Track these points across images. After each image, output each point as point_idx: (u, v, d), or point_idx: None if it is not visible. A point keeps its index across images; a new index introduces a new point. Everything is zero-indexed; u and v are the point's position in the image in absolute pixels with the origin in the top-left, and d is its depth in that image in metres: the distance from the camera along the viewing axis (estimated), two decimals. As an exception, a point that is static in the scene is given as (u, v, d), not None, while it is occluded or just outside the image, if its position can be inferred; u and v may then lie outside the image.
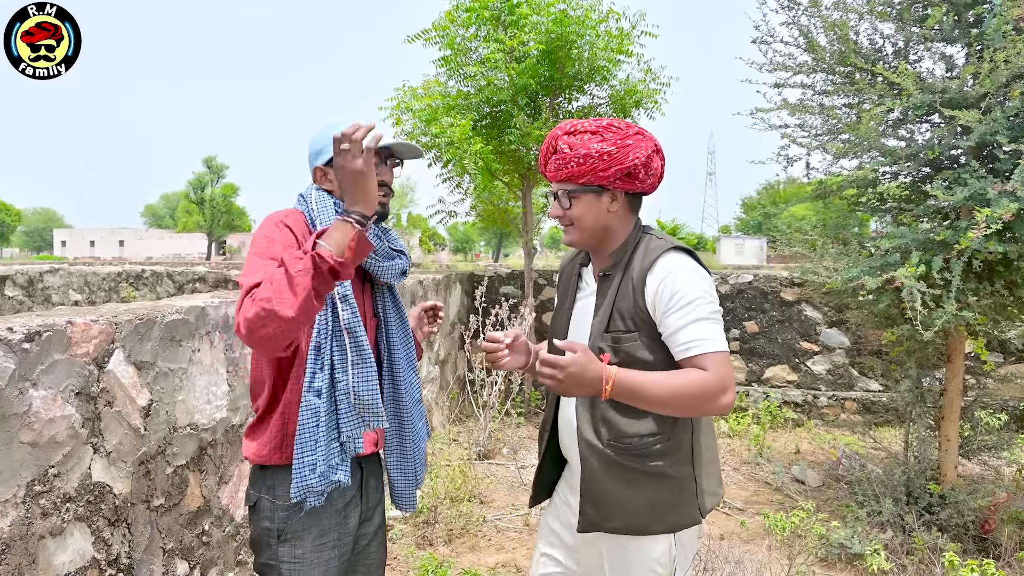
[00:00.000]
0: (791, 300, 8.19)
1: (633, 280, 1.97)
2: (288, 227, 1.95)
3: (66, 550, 2.29)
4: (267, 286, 1.65)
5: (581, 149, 1.96)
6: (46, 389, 2.21)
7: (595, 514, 1.99)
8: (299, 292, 1.62)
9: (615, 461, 1.96)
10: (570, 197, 2.02)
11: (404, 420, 2.19)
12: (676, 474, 1.98)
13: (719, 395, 1.83)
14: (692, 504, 2.00)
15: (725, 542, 4.03)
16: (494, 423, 6.89)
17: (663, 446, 1.96)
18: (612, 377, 1.81)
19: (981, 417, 5.27)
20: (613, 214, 2.04)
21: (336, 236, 1.69)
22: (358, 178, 1.70)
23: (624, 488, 1.96)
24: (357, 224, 1.70)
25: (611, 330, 1.98)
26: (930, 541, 4.39)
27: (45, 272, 8.50)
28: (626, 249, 2.04)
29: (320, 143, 2.10)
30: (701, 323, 1.88)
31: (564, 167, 1.99)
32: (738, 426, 7.50)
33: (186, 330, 2.96)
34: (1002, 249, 4.08)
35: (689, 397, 1.83)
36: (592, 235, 2.06)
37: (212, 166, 65.97)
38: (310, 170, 2.15)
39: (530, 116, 7.46)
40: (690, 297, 1.89)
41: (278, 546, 1.98)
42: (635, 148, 1.97)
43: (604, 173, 1.97)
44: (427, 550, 4.43)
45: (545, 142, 2.07)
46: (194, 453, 3.01)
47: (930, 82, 4.50)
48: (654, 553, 1.99)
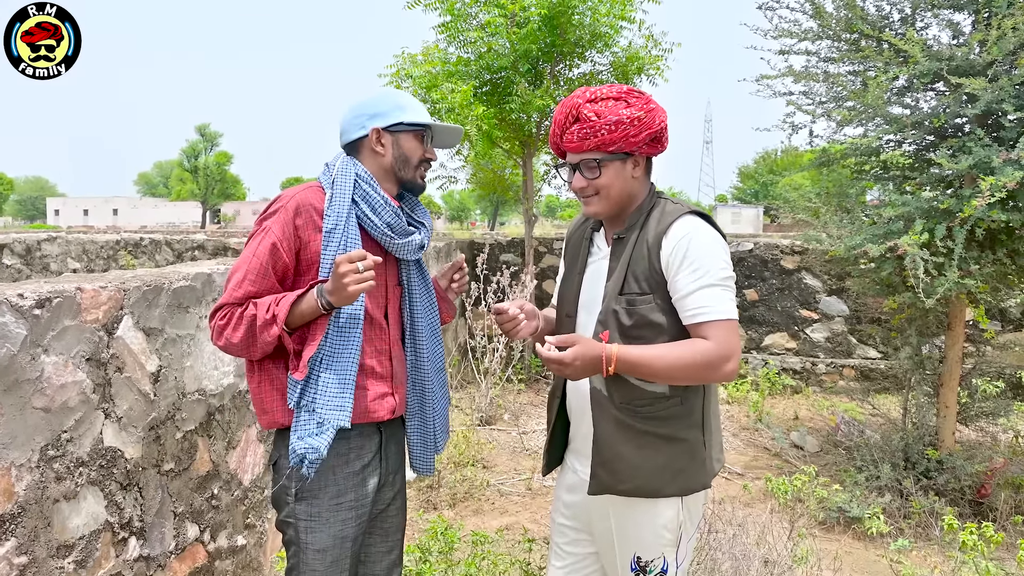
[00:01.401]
0: (791, 268, 8.20)
1: (648, 243, 1.96)
2: (274, 242, 1.96)
3: (80, 513, 2.31)
4: (234, 324, 1.92)
5: (611, 116, 1.92)
6: (57, 355, 2.22)
7: (607, 477, 2.00)
8: (256, 347, 1.93)
9: (628, 424, 1.97)
10: (599, 166, 1.98)
11: (426, 387, 2.21)
12: (687, 438, 1.99)
13: (722, 364, 1.84)
14: (701, 468, 2.02)
15: (727, 506, 4.08)
16: (495, 389, 6.94)
17: (676, 409, 1.97)
18: (614, 356, 1.83)
19: (979, 384, 5.32)
20: (636, 180, 2.03)
21: (304, 307, 1.91)
22: (347, 298, 1.86)
23: (636, 451, 1.97)
24: (324, 310, 1.91)
25: (625, 292, 1.97)
26: (927, 505, 4.46)
27: (43, 240, 8.47)
28: (641, 212, 2.03)
29: (381, 106, 2.10)
30: (711, 289, 1.88)
31: (593, 135, 1.94)
32: (737, 393, 7.56)
33: (193, 296, 2.96)
34: (1005, 217, 4.08)
35: (692, 367, 1.84)
36: (618, 203, 2.04)
37: (205, 134, 65.54)
38: (352, 133, 2.12)
39: (531, 83, 7.41)
40: (702, 261, 1.89)
41: (295, 504, 2.02)
42: (657, 111, 1.97)
43: (635, 139, 1.94)
44: (432, 513, 4.48)
45: (561, 112, 2.01)
46: (203, 418, 3.03)
47: (936, 49, 4.48)
48: (663, 518, 2.00)
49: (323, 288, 1.90)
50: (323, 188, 2.05)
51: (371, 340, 2.07)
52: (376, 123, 2.08)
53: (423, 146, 2.14)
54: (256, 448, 3.49)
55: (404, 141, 2.10)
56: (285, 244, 1.96)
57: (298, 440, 1.90)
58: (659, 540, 2.01)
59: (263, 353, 1.95)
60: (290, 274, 2.00)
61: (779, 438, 5.90)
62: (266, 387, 2.02)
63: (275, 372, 2.02)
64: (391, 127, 2.09)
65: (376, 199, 2.02)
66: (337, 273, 1.82)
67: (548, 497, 4.90)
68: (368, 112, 2.10)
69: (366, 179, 2.04)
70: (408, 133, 2.11)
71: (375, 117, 2.09)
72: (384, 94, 2.14)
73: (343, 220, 1.97)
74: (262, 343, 1.91)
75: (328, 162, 2.13)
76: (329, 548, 2.01)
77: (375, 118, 2.09)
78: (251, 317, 1.90)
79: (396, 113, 2.09)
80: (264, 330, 1.89)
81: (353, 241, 1.98)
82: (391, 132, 2.09)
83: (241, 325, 1.91)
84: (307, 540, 2.01)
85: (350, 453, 2.05)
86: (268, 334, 1.89)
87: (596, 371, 1.85)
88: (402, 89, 7.24)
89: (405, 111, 2.10)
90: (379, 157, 2.10)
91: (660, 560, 2.02)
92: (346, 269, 1.81)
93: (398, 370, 2.15)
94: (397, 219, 2.06)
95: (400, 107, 2.10)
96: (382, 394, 2.08)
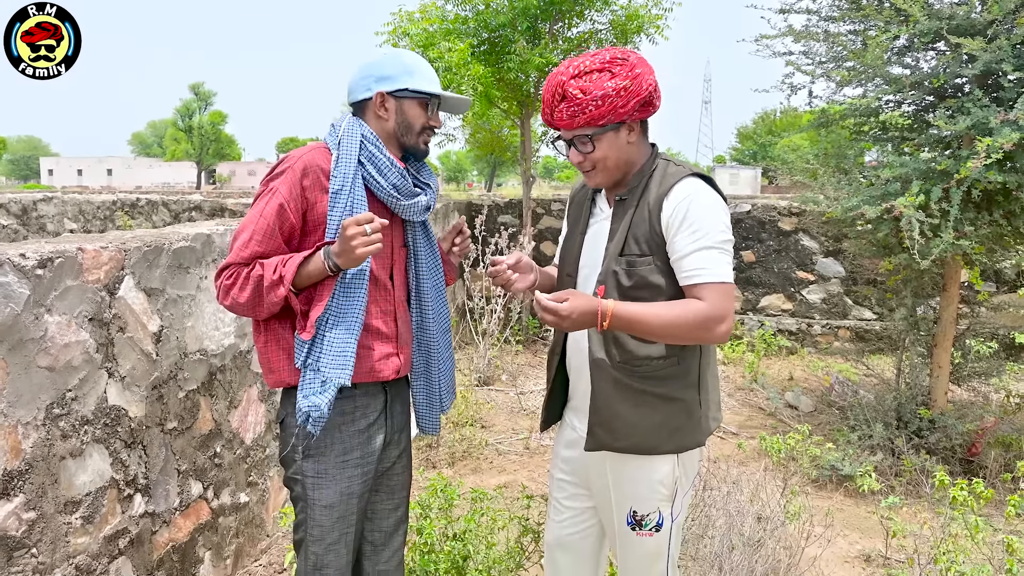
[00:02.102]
0: (789, 230, 8.21)
1: (650, 204, 1.97)
2: (282, 203, 1.95)
3: (86, 470, 2.35)
4: (240, 284, 1.93)
5: (597, 91, 1.91)
6: (60, 315, 2.24)
7: (604, 434, 2.04)
8: (262, 307, 1.94)
9: (625, 383, 2.00)
10: (592, 140, 1.98)
11: (432, 348, 2.23)
12: (684, 397, 2.02)
13: (715, 325, 1.87)
14: (697, 427, 2.06)
15: (722, 464, 4.15)
16: (493, 350, 6.99)
17: (672, 369, 2.00)
18: (609, 311, 1.84)
19: (973, 345, 5.37)
20: (632, 145, 2.03)
21: (311, 269, 1.92)
22: (355, 261, 1.87)
23: (633, 409, 2.00)
24: (331, 271, 1.92)
25: (626, 253, 1.98)
26: (919, 463, 4.53)
27: (39, 200, 8.43)
28: (643, 174, 2.03)
29: (389, 69, 2.06)
30: (708, 252, 1.89)
31: (581, 112, 1.93)
32: (733, 353, 7.62)
33: (193, 257, 2.98)
34: (1002, 179, 4.09)
35: (685, 327, 1.86)
36: (617, 171, 2.04)
37: (199, 93, 64.81)
38: (359, 94, 2.10)
39: (530, 42, 7.33)
40: (702, 223, 1.90)
41: (302, 461, 2.05)
42: (644, 75, 1.95)
43: (624, 109, 1.93)
44: (431, 472, 4.55)
45: (548, 90, 2.00)
46: (204, 378, 3.06)
47: (937, 8, 4.44)
48: (659, 474, 2.05)
49: (330, 250, 1.90)
50: (329, 149, 2.04)
51: (376, 301, 2.08)
52: (382, 86, 2.05)
53: (427, 113, 2.11)
54: (257, 408, 3.53)
55: (408, 108, 2.08)
56: (292, 205, 1.96)
57: (303, 399, 1.93)
58: (655, 495, 2.06)
59: (269, 313, 1.97)
60: (296, 235, 2.00)
61: (774, 398, 5.97)
62: (272, 347, 2.04)
63: (281, 332, 2.03)
64: (396, 92, 2.06)
65: (382, 161, 2.02)
66: (345, 236, 1.82)
67: (545, 456, 4.97)
68: (375, 74, 2.06)
69: (372, 140, 2.03)
70: (413, 100, 2.08)
71: (382, 80, 2.05)
72: (394, 56, 2.09)
73: (349, 181, 1.97)
74: (268, 303, 1.92)
75: (334, 122, 2.11)
76: (336, 504, 2.05)
77: (382, 81, 2.05)
78: (258, 277, 1.91)
79: (404, 78, 2.05)
80: (271, 291, 1.90)
81: (359, 202, 1.98)
82: (396, 97, 2.06)
83: (248, 285, 1.92)
84: (314, 496, 2.04)
85: (356, 412, 2.08)
86: (275, 295, 1.90)
87: (591, 325, 1.86)
88: (399, 48, 7.17)
89: (413, 76, 2.06)
90: (382, 121, 2.08)
91: (656, 514, 2.07)
92: (354, 232, 1.81)
93: (403, 331, 2.17)
94: (403, 180, 2.05)
95: (409, 71, 2.06)
96: (387, 354, 2.10)
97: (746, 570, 2.92)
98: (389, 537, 2.26)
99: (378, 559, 2.25)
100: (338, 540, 2.07)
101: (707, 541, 3.15)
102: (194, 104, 64.71)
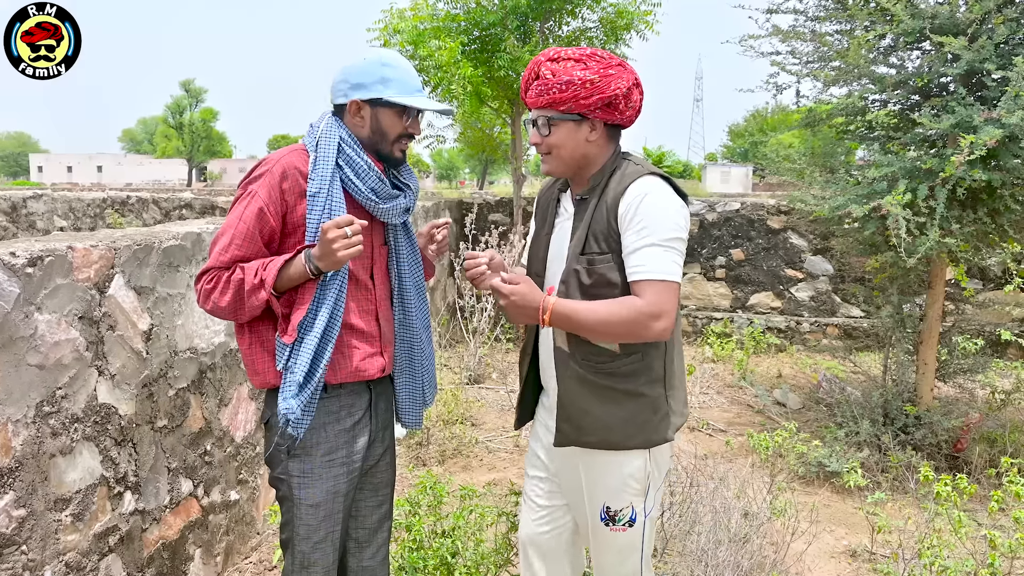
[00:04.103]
0: (777, 228, 8.26)
1: (607, 203, 2.02)
2: (261, 206, 1.96)
3: (76, 468, 2.37)
4: (221, 288, 1.94)
5: (564, 76, 1.97)
6: (50, 313, 2.25)
7: (571, 430, 2.09)
8: (243, 311, 1.96)
9: (590, 379, 2.05)
10: (550, 124, 2.04)
11: (414, 344, 2.25)
12: (649, 393, 2.06)
13: (651, 322, 1.90)
14: (664, 423, 2.09)
15: (710, 460, 4.18)
16: (484, 349, 7.01)
17: (636, 366, 2.04)
18: (550, 307, 1.91)
19: (958, 342, 5.42)
20: (592, 143, 2.07)
21: (292, 272, 1.94)
22: (336, 264, 1.88)
23: (599, 405, 2.05)
24: (312, 274, 1.93)
25: (586, 252, 2.03)
26: (904, 459, 4.58)
27: (29, 198, 8.40)
28: (603, 174, 2.08)
29: (365, 77, 2.03)
30: (653, 249, 1.93)
31: (546, 92, 2.00)
32: (722, 351, 7.66)
33: (183, 256, 2.99)
34: (986, 177, 4.13)
35: (621, 323, 1.91)
36: (571, 164, 2.09)
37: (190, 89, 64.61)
38: (336, 98, 2.09)
39: (520, 40, 7.35)
40: (649, 221, 1.94)
41: (288, 461, 2.06)
42: (617, 79, 2.00)
43: (585, 101, 1.98)
44: (421, 469, 4.57)
45: (527, 68, 2.08)
46: (195, 376, 3.07)
47: (921, 7, 4.47)
48: (630, 468, 2.09)
49: (311, 253, 1.91)
50: (307, 151, 2.05)
51: (357, 300, 2.09)
52: (357, 94, 2.04)
53: (403, 121, 2.09)
54: (248, 406, 3.55)
55: (383, 116, 2.06)
56: (272, 208, 1.96)
57: (281, 401, 1.95)
58: (627, 490, 2.10)
59: (250, 316, 1.98)
60: (276, 238, 2.01)
61: (762, 395, 6.01)
62: (257, 349, 2.05)
63: (265, 334, 2.04)
64: (371, 100, 2.04)
65: (360, 164, 2.02)
66: (326, 239, 1.83)
67: (535, 453, 4.99)
68: (351, 81, 2.05)
69: (350, 143, 2.03)
70: (389, 108, 2.06)
71: (357, 88, 2.04)
72: (371, 63, 2.06)
73: (327, 184, 1.98)
74: (250, 307, 1.94)
75: (312, 123, 2.11)
76: (322, 503, 2.07)
77: (357, 88, 2.04)
78: (239, 281, 1.92)
79: (377, 87, 2.03)
80: (252, 294, 1.92)
81: (338, 205, 1.99)
82: (371, 105, 2.05)
83: (229, 289, 1.93)
84: (300, 496, 2.06)
85: (341, 411, 2.09)
86: (256, 298, 1.92)
87: (532, 319, 1.95)
88: (390, 46, 7.18)
89: (388, 86, 2.04)
90: (358, 128, 2.07)
91: (628, 509, 2.11)
92: (335, 235, 1.83)
93: (386, 329, 2.18)
94: (381, 184, 2.06)
95: (383, 80, 2.03)
96: (371, 353, 2.12)
97: (732, 566, 2.96)
98: (373, 534, 2.28)
99: (362, 556, 2.27)
100: (324, 538, 2.08)
101: (694, 537, 3.19)
102: (185, 101, 64.50)
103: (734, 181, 43.11)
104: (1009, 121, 3.87)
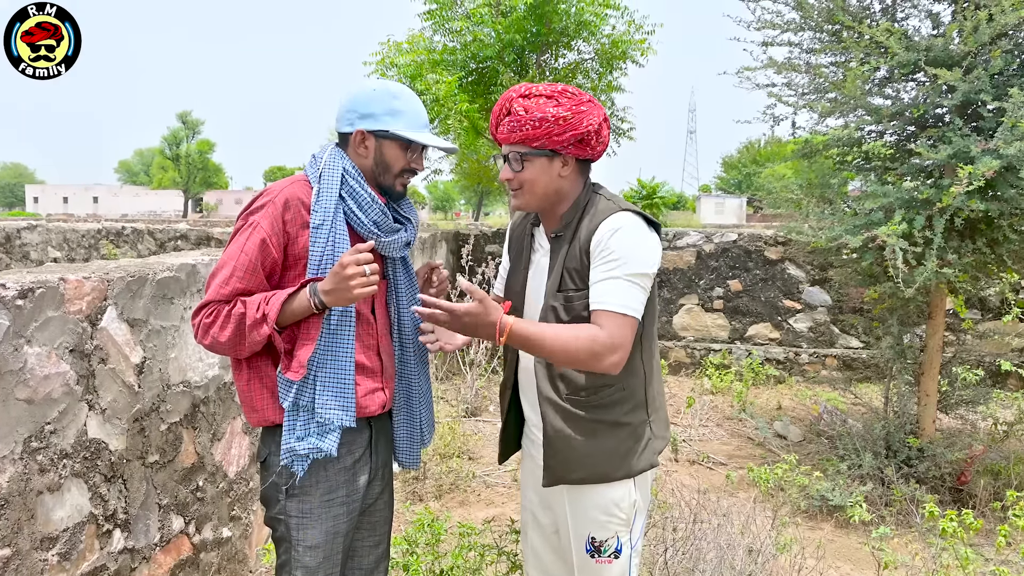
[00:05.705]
0: (775, 259, 8.25)
1: (580, 241, 2.02)
2: (264, 238, 1.91)
3: (64, 505, 2.30)
4: (221, 323, 1.87)
5: (537, 112, 1.97)
6: (40, 346, 2.20)
7: (559, 468, 2.07)
8: (244, 346, 1.90)
9: (575, 414, 2.04)
10: (523, 160, 2.03)
11: (412, 381, 2.21)
12: (632, 421, 2.07)
13: (607, 354, 1.88)
14: (648, 449, 2.10)
15: (711, 495, 4.12)
16: (480, 381, 6.94)
17: (619, 395, 2.05)
18: (507, 327, 1.88)
19: (959, 372, 5.38)
20: (564, 179, 2.07)
21: (295, 306, 1.88)
22: (348, 300, 1.83)
23: (586, 440, 2.04)
24: (316, 309, 1.88)
25: (563, 289, 2.04)
26: (908, 493, 4.51)
27: (23, 228, 8.36)
28: (576, 210, 2.08)
29: (374, 107, 2.00)
30: (616, 282, 1.93)
31: (518, 129, 1.99)
32: (721, 383, 7.61)
33: (178, 287, 2.94)
34: (984, 207, 4.13)
35: (577, 351, 1.88)
36: (543, 199, 2.08)
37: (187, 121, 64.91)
38: (341, 126, 2.06)
39: (517, 73, 7.40)
40: (617, 255, 1.94)
41: (286, 501, 2.00)
42: (588, 115, 2.00)
43: (559, 138, 1.98)
44: (418, 505, 4.49)
45: (498, 104, 2.07)
46: (187, 410, 3.01)
47: (915, 40, 4.50)
48: (614, 497, 2.08)
49: (317, 287, 1.86)
50: (310, 182, 2.01)
51: (360, 336, 2.05)
52: (364, 124, 2.00)
53: (407, 156, 2.06)
54: (241, 440, 3.48)
55: (388, 148, 2.03)
56: (274, 239, 1.92)
57: (298, 441, 1.88)
58: (612, 520, 2.09)
59: (250, 352, 1.92)
60: (278, 270, 1.96)
61: (762, 428, 5.95)
62: (256, 385, 1.99)
63: (265, 370, 1.98)
64: (377, 132, 2.01)
65: (363, 197, 1.98)
66: (343, 275, 1.79)
67: (533, 487, 4.91)
68: (359, 111, 2.01)
69: (353, 175, 1.99)
70: (394, 141, 2.03)
71: (365, 118, 2.01)
72: (381, 94, 2.03)
73: (330, 216, 1.94)
74: (251, 342, 1.88)
75: (315, 153, 2.07)
76: (321, 544, 2.00)
77: (365, 119, 2.01)
78: (239, 315, 1.86)
79: (386, 119, 2.00)
80: (254, 329, 1.86)
81: (341, 237, 1.95)
82: (377, 137, 2.02)
83: (229, 323, 1.87)
84: (299, 537, 1.99)
85: (342, 448, 2.03)
86: (258, 333, 1.86)
87: (488, 337, 1.91)
88: (386, 79, 7.21)
89: (397, 119, 2.01)
90: (361, 158, 2.04)
91: (614, 540, 2.10)
92: (354, 272, 1.78)
93: (387, 364, 2.14)
94: (384, 217, 2.02)
95: (393, 113, 2.01)
96: (372, 389, 2.07)
97: (737, 603, 2.89)
98: (370, 574, 2.22)
99: None
100: (323, 580, 2.02)
101: (698, 575, 3.11)
102: (182, 132, 64.77)
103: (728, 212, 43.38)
104: (1007, 152, 3.87)
